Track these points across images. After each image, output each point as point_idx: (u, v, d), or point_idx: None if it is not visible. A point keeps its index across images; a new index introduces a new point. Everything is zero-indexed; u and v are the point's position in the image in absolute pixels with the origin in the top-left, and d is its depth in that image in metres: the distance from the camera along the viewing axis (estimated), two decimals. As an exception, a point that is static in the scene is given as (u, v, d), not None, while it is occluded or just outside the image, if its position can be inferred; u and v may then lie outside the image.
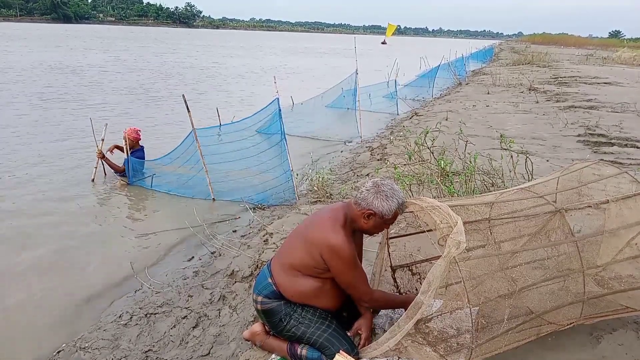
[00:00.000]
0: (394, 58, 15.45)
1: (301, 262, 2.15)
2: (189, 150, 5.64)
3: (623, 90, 13.14)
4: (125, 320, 3.05)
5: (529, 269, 2.30)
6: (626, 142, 6.70)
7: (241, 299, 3.16)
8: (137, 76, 17.44)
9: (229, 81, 17.65)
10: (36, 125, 8.74)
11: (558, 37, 63.87)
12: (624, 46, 41.38)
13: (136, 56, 26.79)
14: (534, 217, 2.38)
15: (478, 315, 2.10)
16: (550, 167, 5.36)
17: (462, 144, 4.86)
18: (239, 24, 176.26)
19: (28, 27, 69.66)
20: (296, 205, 5.01)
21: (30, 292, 3.48)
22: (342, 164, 7.08)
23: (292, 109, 10.83)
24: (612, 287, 2.42)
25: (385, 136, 8.81)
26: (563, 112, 9.32)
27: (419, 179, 4.34)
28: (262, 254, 3.55)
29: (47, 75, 16.03)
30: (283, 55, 36.10)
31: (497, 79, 15.33)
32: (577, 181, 2.55)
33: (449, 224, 1.94)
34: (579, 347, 2.24)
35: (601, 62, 26.31)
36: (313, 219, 2.26)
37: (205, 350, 2.73)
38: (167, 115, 10.42)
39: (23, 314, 3.23)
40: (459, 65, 20.06)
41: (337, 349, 2.08)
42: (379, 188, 2.09)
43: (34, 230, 4.51)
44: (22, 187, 5.60)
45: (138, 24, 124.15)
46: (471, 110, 9.96)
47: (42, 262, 3.92)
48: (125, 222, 4.88)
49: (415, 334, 2.26)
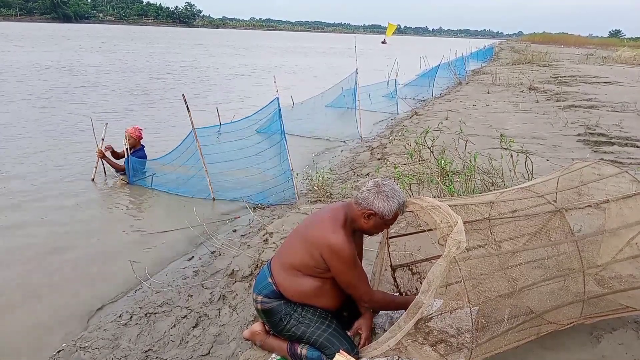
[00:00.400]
0: (394, 57, 15.45)
1: (301, 262, 2.15)
2: (189, 150, 5.64)
3: (623, 89, 13.14)
4: (125, 320, 3.05)
5: (529, 269, 2.30)
6: (626, 141, 6.69)
7: (241, 299, 3.16)
8: (137, 76, 17.44)
9: (229, 81, 17.65)
10: (36, 125, 8.73)
11: (558, 37, 63.80)
12: (624, 45, 41.35)
13: (136, 56, 26.78)
14: (534, 216, 2.38)
15: (478, 315, 2.10)
16: (551, 167, 5.36)
17: (462, 144, 4.85)
18: (239, 24, 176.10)
19: (27, 26, 69.61)
20: (296, 205, 5.01)
21: (30, 292, 3.48)
22: (342, 164, 7.08)
23: (292, 109, 10.84)
24: (612, 286, 2.42)
25: (385, 136, 8.80)
26: (563, 112, 9.32)
27: (419, 178, 4.34)
28: (262, 253, 3.55)
29: (47, 75, 16.02)
30: (283, 55, 36.09)
31: (497, 79, 15.32)
32: (577, 181, 2.55)
33: (449, 223, 1.94)
34: (579, 347, 2.24)
35: (601, 61, 26.29)
36: (313, 219, 2.26)
37: (205, 350, 2.73)
38: (167, 114, 10.41)
39: (23, 314, 3.23)
40: (459, 65, 20.06)
41: (337, 348, 2.08)
42: (379, 188, 2.09)
43: (33, 230, 4.51)
44: (22, 186, 5.60)
45: (138, 24, 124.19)
46: (471, 109, 9.96)
47: (41, 262, 3.91)
48: (125, 221, 4.88)
49: (415, 333, 2.26)
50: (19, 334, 3.02)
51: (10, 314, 3.22)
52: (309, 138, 8.88)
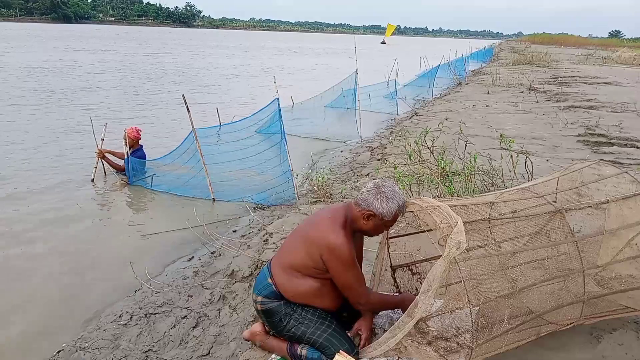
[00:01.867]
0: (394, 58, 15.45)
1: (301, 263, 2.15)
2: (189, 151, 5.64)
3: (623, 90, 13.15)
4: (125, 320, 3.05)
5: (529, 269, 2.31)
6: (626, 142, 6.70)
7: (241, 299, 3.16)
8: (137, 75, 17.43)
9: (229, 81, 17.65)
10: (36, 124, 8.73)
11: (558, 37, 63.83)
12: (624, 46, 41.37)
13: (136, 55, 26.78)
14: (534, 217, 2.38)
15: (478, 315, 2.10)
16: (550, 167, 5.36)
17: (462, 144, 4.86)
18: (239, 24, 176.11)
19: (27, 27, 69.62)
20: (296, 205, 5.01)
21: (30, 292, 3.48)
22: (342, 164, 7.08)
23: (292, 109, 10.84)
24: (612, 287, 2.42)
25: (385, 136, 8.80)
26: (563, 112, 9.33)
27: (419, 178, 4.34)
28: (262, 253, 3.55)
29: (47, 75, 16.02)
30: (283, 56, 36.10)
31: (497, 79, 15.32)
32: (577, 181, 2.55)
33: (449, 223, 1.94)
34: (579, 347, 2.24)
35: (601, 62, 26.31)
36: (313, 220, 2.26)
37: (205, 350, 2.73)
38: (166, 115, 10.41)
39: (23, 314, 3.23)
40: (458, 65, 20.07)
41: (337, 348, 2.08)
42: (379, 189, 2.09)
43: (33, 230, 4.51)
44: (22, 186, 5.60)
45: (138, 24, 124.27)
46: (471, 110, 9.96)
47: (41, 262, 3.91)
48: (124, 221, 4.88)
49: (415, 333, 2.26)
50: (19, 334, 3.02)
51: (11, 315, 3.22)
52: (309, 138, 8.88)
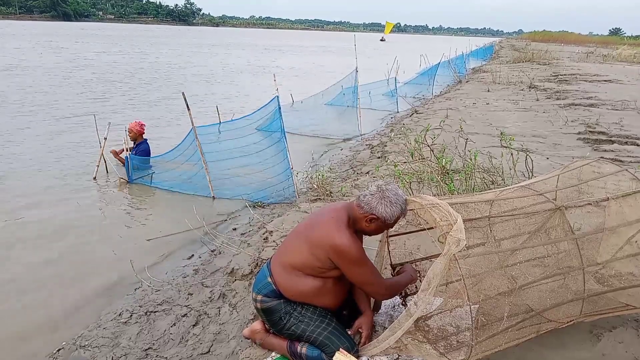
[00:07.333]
0: (394, 56, 15.43)
1: (303, 263, 2.14)
2: (190, 148, 5.64)
3: (623, 87, 13.12)
4: (125, 319, 3.05)
5: (529, 267, 2.30)
6: (626, 139, 6.69)
7: (241, 297, 3.16)
8: (137, 75, 17.41)
9: (229, 79, 17.63)
10: (36, 124, 8.73)
11: (558, 35, 63.64)
12: (624, 44, 41.25)
13: (136, 56, 26.73)
14: (534, 214, 2.38)
15: (478, 313, 2.10)
16: (551, 165, 5.36)
17: (462, 142, 4.85)
18: (239, 22, 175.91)
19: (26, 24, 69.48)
20: (296, 203, 5.00)
21: (30, 291, 3.48)
22: (342, 162, 7.08)
23: (292, 107, 10.83)
24: (612, 284, 2.42)
25: (385, 134, 8.79)
26: (563, 110, 9.31)
27: (419, 176, 4.34)
28: (262, 252, 3.55)
29: (47, 73, 16.00)
30: (283, 53, 36.04)
31: (497, 77, 15.30)
32: (577, 179, 2.55)
33: (448, 221, 1.94)
34: (579, 345, 2.24)
35: (601, 59, 26.24)
36: (316, 220, 2.23)
37: (205, 348, 2.73)
38: (166, 113, 10.41)
39: (23, 313, 3.23)
40: (459, 63, 20.04)
41: (337, 347, 2.08)
42: (383, 193, 2.09)
43: (33, 230, 4.51)
44: (22, 185, 5.60)
45: (137, 22, 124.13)
46: (471, 108, 9.95)
47: (41, 261, 3.92)
48: (125, 220, 4.88)
49: (415, 331, 2.26)
50: (19, 332, 3.02)
51: (11, 313, 3.22)
52: (309, 136, 8.87)
